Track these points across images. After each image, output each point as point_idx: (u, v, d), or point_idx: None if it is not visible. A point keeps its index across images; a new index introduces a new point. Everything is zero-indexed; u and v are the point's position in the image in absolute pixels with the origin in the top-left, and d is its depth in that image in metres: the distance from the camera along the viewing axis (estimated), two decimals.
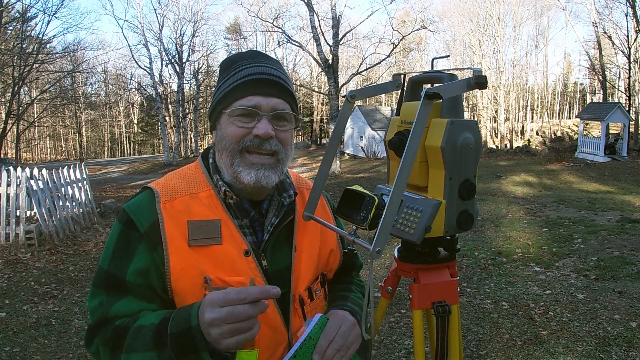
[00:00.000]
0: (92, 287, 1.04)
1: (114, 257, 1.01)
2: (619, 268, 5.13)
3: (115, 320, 0.98)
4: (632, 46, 23.96)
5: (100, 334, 0.99)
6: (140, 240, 1.00)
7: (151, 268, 0.99)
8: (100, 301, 1.00)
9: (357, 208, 1.00)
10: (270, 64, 1.07)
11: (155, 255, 0.99)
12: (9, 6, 19.89)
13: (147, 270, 0.99)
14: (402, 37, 18.15)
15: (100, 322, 0.99)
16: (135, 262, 0.99)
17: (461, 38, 40.33)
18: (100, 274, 1.02)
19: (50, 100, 30.13)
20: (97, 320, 0.99)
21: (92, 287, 1.04)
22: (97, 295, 1.01)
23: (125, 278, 0.99)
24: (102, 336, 0.98)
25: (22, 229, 6.56)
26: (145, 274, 0.99)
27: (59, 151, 48.42)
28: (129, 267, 0.99)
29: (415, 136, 0.93)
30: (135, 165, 28.51)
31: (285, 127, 1.06)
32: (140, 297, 0.99)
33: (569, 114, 54.88)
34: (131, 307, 0.99)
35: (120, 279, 0.99)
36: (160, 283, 0.99)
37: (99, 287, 1.02)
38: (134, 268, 0.99)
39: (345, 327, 1.04)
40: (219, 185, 1.06)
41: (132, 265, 0.99)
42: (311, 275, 1.12)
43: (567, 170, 15.26)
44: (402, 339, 3.71)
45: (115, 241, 1.02)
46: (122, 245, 1.01)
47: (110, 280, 1.00)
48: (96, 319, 0.99)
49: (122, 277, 0.99)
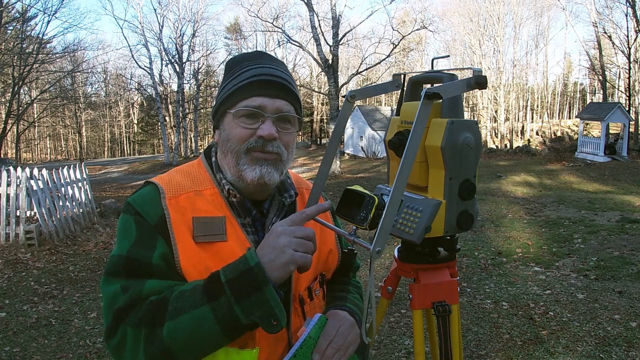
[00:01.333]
0: (105, 275, 0.98)
1: (136, 244, 0.97)
2: (619, 268, 5.13)
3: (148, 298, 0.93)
4: (632, 46, 23.96)
5: (131, 315, 0.91)
6: (155, 231, 0.98)
7: (170, 258, 0.97)
8: (122, 285, 0.94)
9: (357, 208, 1.00)
10: (275, 66, 1.08)
11: (172, 247, 0.98)
12: (9, 6, 19.88)
13: (169, 259, 0.97)
14: (402, 37, 18.15)
15: (132, 302, 0.92)
16: (158, 250, 0.96)
17: (461, 38, 40.35)
18: (117, 261, 0.97)
19: (50, 100, 30.12)
20: (129, 300, 0.92)
21: (105, 276, 0.98)
22: (114, 282, 0.95)
23: (151, 262, 0.95)
24: (134, 316, 0.91)
25: (22, 229, 6.56)
26: (168, 261, 0.97)
27: (59, 151, 48.42)
28: (154, 253, 0.96)
29: (415, 136, 0.93)
30: (135, 165, 28.52)
31: (289, 130, 1.06)
32: (167, 278, 0.95)
33: (569, 114, 54.89)
34: (162, 285, 0.94)
35: (145, 264, 0.95)
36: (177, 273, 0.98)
37: (116, 275, 0.96)
38: (158, 254, 0.96)
39: (345, 327, 1.05)
40: (222, 183, 1.07)
41: (157, 250, 0.96)
42: (311, 275, 1.12)
43: (567, 170, 15.26)
44: (402, 339, 3.71)
45: (135, 229, 0.98)
46: (144, 232, 0.98)
47: (131, 264, 0.95)
48: (127, 300, 0.92)
49: (147, 262, 0.95)
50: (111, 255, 1.01)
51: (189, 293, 0.90)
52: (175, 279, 0.96)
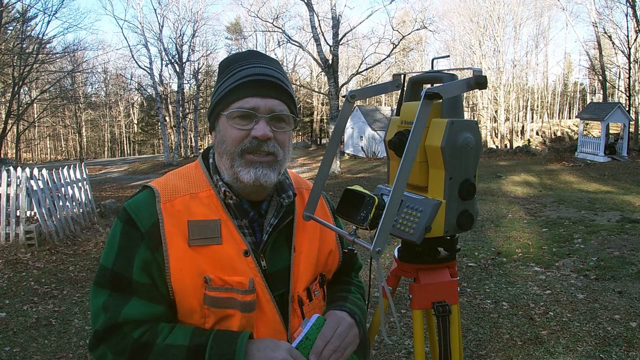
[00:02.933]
0: (94, 285, 1.02)
1: (118, 256, 1.00)
2: (619, 268, 5.13)
3: (126, 326, 0.96)
4: (632, 46, 23.93)
5: (112, 342, 0.96)
6: (142, 239, 0.99)
7: (153, 267, 0.98)
8: (104, 302, 0.98)
9: (357, 208, 1.00)
10: (268, 65, 1.07)
11: (157, 255, 0.98)
12: (9, 6, 19.88)
13: (151, 269, 0.98)
14: (402, 37, 18.15)
15: (109, 328, 0.96)
16: (138, 260, 0.98)
17: (461, 38, 40.34)
18: (103, 273, 1.00)
19: (50, 100, 30.12)
20: (106, 326, 0.96)
21: (94, 286, 1.02)
22: (100, 295, 0.99)
23: (132, 278, 0.98)
24: (115, 346, 0.95)
25: (22, 229, 6.56)
26: (149, 272, 0.98)
27: (59, 151, 48.41)
28: (134, 266, 0.98)
29: (415, 136, 0.93)
30: (135, 165, 28.50)
31: (284, 129, 1.06)
32: (147, 297, 0.98)
33: (569, 114, 54.86)
34: (141, 310, 0.97)
35: (126, 279, 0.98)
36: (163, 282, 0.99)
37: (102, 286, 1.00)
38: (138, 266, 0.98)
39: (343, 328, 1.04)
40: (218, 185, 1.07)
41: (136, 263, 0.98)
42: (310, 276, 1.12)
43: (567, 170, 15.26)
44: (402, 339, 3.71)
45: (118, 239, 1.01)
46: (126, 243, 1.00)
47: (115, 279, 0.99)
48: (104, 324, 0.96)
49: (128, 277, 0.98)
50: (100, 262, 1.04)
51: (172, 352, 0.93)
52: (157, 296, 0.99)
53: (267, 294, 1.02)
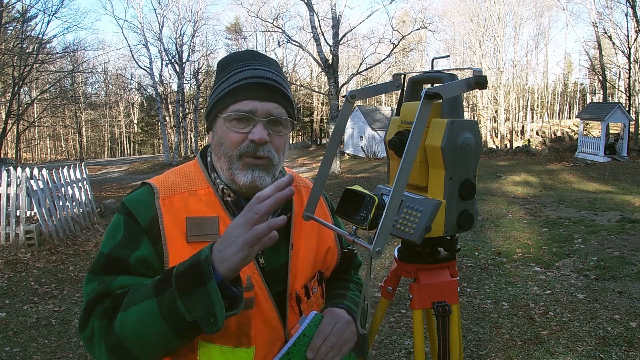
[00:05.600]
0: (88, 274, 1.00)
1: (119, 244, 0.99)
2: (619, 268, 5.13)
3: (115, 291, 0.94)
4: (632, 46, 23.93)
5: (97, 307, 0.94)
6: (142, 232, 0.99)
7: (154, 261, 0.98)
8: (99, 282, 0.96)
9: (357, 208, 1.00)
10: (266, 67, 1.07)
11: (158, 248, 0.99)
12: (9, 6, 19.88)
13: (150, 262, 0.98)
14: (402, 37, 18.14)
15: (99, 296, 0.95)
16: (140, 251, 0.98)
17: (461, 38, 40.33)
18: (99, 259, 0.99)
19: (50, 100, 30.13)
20: (96, 294, 0.95)
21: (88, 274, 1.00)
22: (94, 280, 0.98)
23: (129, 261, 0.97)
24: (100, 308, 0.93)
25: (22, 229, 6.56)
26: (148, 264, 0.98)
27: (59, 151, 48.41)
28: (134, 253, 0.98)
29: (415, 136, 0.93)
30: (135, 165, 28.51)
31: (281, 133, 1.06)
32: (142, 276, 0.97)
33: (569, 114, 54.86)
34: (134, 280, 0.95)
35: (123, 261, 0.97)
36: None
37: (97, 273, 0.98)
38: (138, 255, 0.97)
39: (340, 325, 1.05)
40: (217, 183, 1.07)
41: (137, 252, 0.98)
42: (308, 273, 1.12)
43: (567, 170, 15.26)
44: (402, 339, 3.71)
45: (122, 230, 1.01)
46: (128, 234, 1.00)
47: (111, 262, 0.97)
48: (95, 294, 0.95)
49: (125, 260, 0.97)
50: (99, 251, 1.03)
51: (144, 286, 0.90)
52: None
53: (265, 291, 1.02)
